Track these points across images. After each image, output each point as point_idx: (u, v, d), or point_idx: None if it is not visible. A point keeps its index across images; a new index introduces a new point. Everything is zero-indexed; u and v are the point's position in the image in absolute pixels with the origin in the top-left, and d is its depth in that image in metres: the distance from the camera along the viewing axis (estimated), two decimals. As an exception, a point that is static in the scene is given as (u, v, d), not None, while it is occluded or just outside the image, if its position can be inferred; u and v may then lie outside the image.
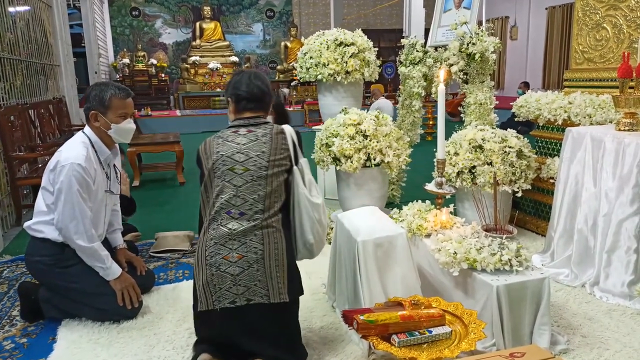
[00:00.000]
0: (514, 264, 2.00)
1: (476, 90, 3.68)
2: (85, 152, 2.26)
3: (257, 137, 1.91)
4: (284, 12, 14.78)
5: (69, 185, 2.19)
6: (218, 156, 1.87)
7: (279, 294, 1.80)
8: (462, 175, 3.19)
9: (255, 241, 1.80)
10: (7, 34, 4.51)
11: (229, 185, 1.84)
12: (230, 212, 1.82)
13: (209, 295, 1.77)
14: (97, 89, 2.33)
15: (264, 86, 1.99)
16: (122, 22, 13.62)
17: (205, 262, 1.79)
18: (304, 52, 3.85)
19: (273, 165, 1.88)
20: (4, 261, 3.19)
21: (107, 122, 2.31)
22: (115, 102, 2.31)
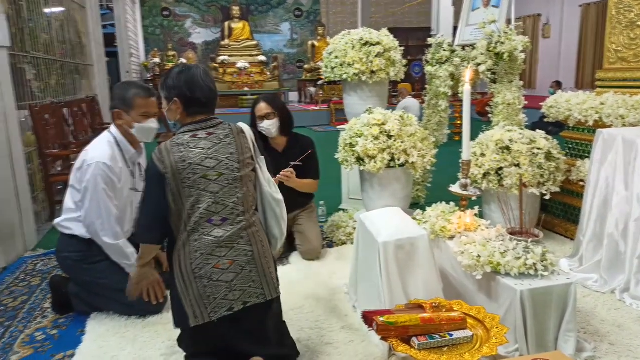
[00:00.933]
0: (539, 268, 1.96)
1: (504, 90, 3.62)
2: (111, 151, 2.33)
3: (220, 140, 1.80)
4: (311, 11, 14.82)
5: (94, 183, 2.25)
6: (185, 165, 1.72)
7: (275, 290, 1.82)
8: (489, 177, 3.14)
9: (243, 244, 1.77)
10: (42, 35, 4.66)
11: (204, 193, 1.73)
12: (212, 220, 1.74)
13: (203, 308, 1.71)
14: (120, 88, 2.38)
15: (213, 85, 1.86)
16: (154, 22, 13.89)
17: (193, 275, 1.71)
18: (329, 51, 3.85)
19: (243, 166, 1.82)
20: (37, 255, 3.30)
21: (130, 121, 2.35)
22: (137, 101, 2.34)
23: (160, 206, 1.75)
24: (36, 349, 2.13)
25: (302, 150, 3.23)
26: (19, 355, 2.09)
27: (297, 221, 3.29)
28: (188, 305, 1.72)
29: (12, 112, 3.37)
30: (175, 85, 1.81)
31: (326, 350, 2.06)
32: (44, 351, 2.12)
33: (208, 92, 1.81)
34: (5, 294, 2.70)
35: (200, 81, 1.80)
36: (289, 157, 3.17)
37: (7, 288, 2.77)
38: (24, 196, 3.38)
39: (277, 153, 3.18)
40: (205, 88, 1.80)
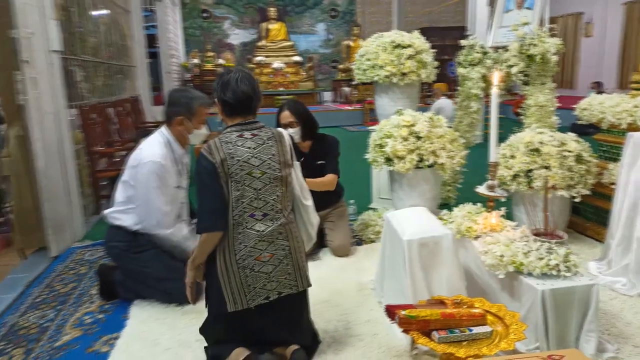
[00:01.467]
0: (561, 269, 2.00)
1: (537, 92, 3.63)
2: (163, 151, 2.52)
3: (264, 141, 1.93)
4: (347, 11, 14.88)
5: (148, 181, 2.46)
6: (234, 161, 1.85)
7: (307, 282, 1.99)
8: (518, 179, 3.16)
9: (282, 239, 1.91)
10: (90, 39, 4.93)
11: (248, 189, 1.87)
12: (254, 215, 1.88)
13: (242, 296, 1.85)
14: (186, 97, 2.57)
15: (249, 90, 1.93)
16: (193, 23, 14.26)
17: (237, 265, 1.85)
18: (361, 54, 3.93)
19: (284, 167, 1.95)
20: (85, 245, 3.53)
21: (190, 127, 2.58)
22: (200, 110, 2.58)
23: (220, 196, 1.86)
24: (85, 331, 2.32)
25: (327, 149, 3.33)
26: (70, 336, 2.28)
27: (328, 219, 3.40)
28: (228, 293, 1.86)
29: (63, 112, 3.61)
30: (215, 88, 1.96)
31: (351, 341, 2.16)
32: (92, 333, 2.30)
33: (240, 95, 1.90)
34: (57, 281, 2.91)
35: (233, 84, 1.90)
36: (314, 157, 3.28)
37: (58, 275, 2.99)
38: (73, 191, 3.61)
39: (303, 154, 3.27)
40: (237, 91, 1.89)
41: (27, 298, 2.69)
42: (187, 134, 2.60)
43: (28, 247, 3.44)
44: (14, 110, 3.23)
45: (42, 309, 2.56)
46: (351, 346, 2.12)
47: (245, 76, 1.95)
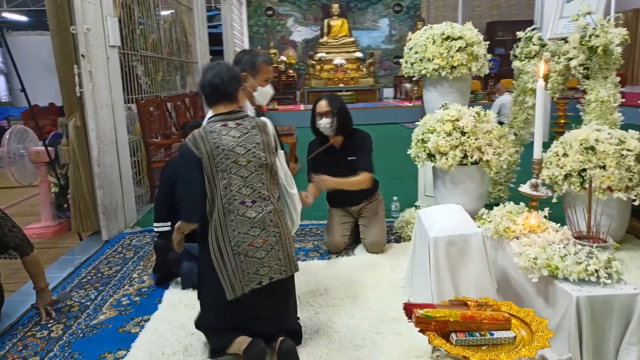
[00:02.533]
0: (601, 275, 1.85)
1: (598, 87, 3.37)
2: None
3: (248, 130, 1.98)
4: (411, 6, 14.59)
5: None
6: (219, 150, 1.90)
7: (295, 266, 2.01)
8: (570, 179, 2.96)
9: (272, 226, 1.95)
10: (151, 35, 5.16)
11: (235, 177, 1.91)
12: (245, 202, 1.92)
13: (237, 282, 1.88)
14: (249, 55, 2.57)
15: (217, 79, 1.96)
16: (258, 21, 14.57)
17: (232, 251, 1.88)
18: (409, 47, 3.83)
19: (269, 155, 1.99)
20: (134, 232, 3.71)
21: (254, 84, 2.52)
22: (264, 67, 2.53)
23: (201, 187, 1.90)
24: (120, 312, 2.44)
25: (359, 144, 3.24)
26: (105, 315, 2.40)
27: (362, 214, 3.33)
28: (225, 280, 1.89)
29: (120, 104, 3.81)
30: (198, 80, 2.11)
31: (374, 338, 2.11)
32: (126, 314, 2.41)
33: (208, 85, 1.97)
34: (104, 263, 3.08)
35: (203, 76, 2.01)
36: (346, 153, 3.20)
37: (106, 258, 3.17)
38: (126, 179, 3.80)
39: (335, 149, 3.20)
40: (206, 81, 1.98)
41: (75, 278, 2.87)
42: (252, 91, 2.53)
43: (84, 231, 3.67)
44: (73, 102, 3.45)
45: (86, 289, 2.72)
46: (372, 343, 2.08)
47: (217, 67, 2.02)
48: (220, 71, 1.99)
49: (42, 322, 2.34)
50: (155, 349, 2.07)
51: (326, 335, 2.16)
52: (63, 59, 3.36)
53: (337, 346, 2.08)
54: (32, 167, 4.09)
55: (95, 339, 2.19)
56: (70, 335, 2.23)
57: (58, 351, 2.10)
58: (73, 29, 3.25)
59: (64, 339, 2.20)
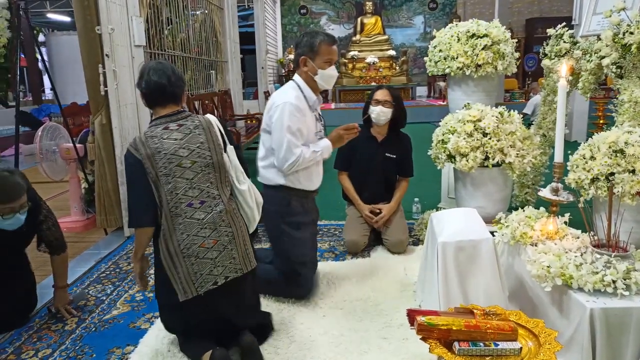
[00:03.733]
0: (619, 286, 1.75)
1: (632, 86, 3.19)
2: (296, 94, 2.37)
3: (191, 130, 1.94)
4: (447, 3, 14.34)
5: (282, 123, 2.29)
6: (161, 155, 1.86)
7: (250, 263, 2.01)
8: (597, 183, 2.81)
9: (224, 226, 1.93)
10: (179, 35, 5.24)
11: (180, 180, 1.88)
12: (192, 204, 1.89)
13: (191, 284, 1.86)
14: (307, 36, 2.40)
15: (161, 79, 1.91)
16: (291, 20, 14.64)
17: (182, 255, 1.86)
18: (434, 44, 3.75)
19: (214, 153, 1.96)
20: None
21: (314, 67, 2.37)
22: (323, 47, 2.35)
23: (147, 189, 1.87)
24: (133, 307, 2.48)
25: (399, 144, 3.29)
26: (119, 311, 2.45)
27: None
28: (177, 283, 1.87)
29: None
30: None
31: (380, 343, 2.07)
32: (138, 310, 2.46)
33: (152, 85, 1.91)
34: (124, 259, 3.15)
35: (145, 76, 1.93)
36: (385, 149, 3.26)
37: (126, 254, 3.24)
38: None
39: (375, 142, 3.27)
40: (149, 82, 1.92)
41: (95, 273, 2.94)
42: (312, 75, 2.38)
43: (109, 227, 3.76)
44: (99, 100, 3.54)
45: (103, 283, 2.78)
46: (378, 348, 2.04)
47: (160, 66, 1.95)
48: (166, 71, 1.93)
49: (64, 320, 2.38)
50: (161, 345, 2.10)
51: (333, 338, 2.13)
52: (89, 59, 3.45)
53: (343, 350, 2.05)
54: (63, 164, 4.23)
55: (106, 334, 2.23)
56: (83, 329, 2.28)
57: (70, 344, 2.15)
58: (98, 29, 3.33)
59: (76, 332, 2.25)
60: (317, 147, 2.43)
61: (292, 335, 2.16)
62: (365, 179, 3.27)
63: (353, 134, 2.50)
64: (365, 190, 3.27)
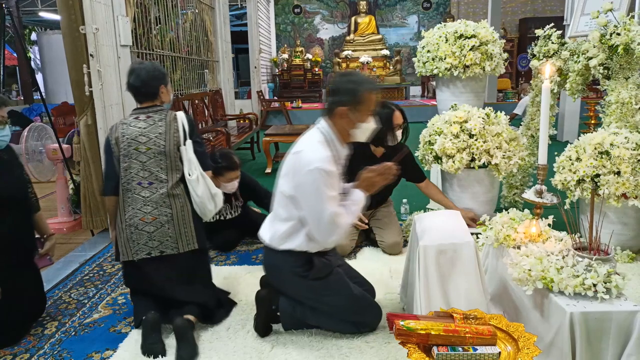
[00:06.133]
0: (599, 289, 1.74)
1: (619, 87, 3.19)
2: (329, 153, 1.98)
3: (155, 122, 2.28)
4: (441, 2, 14.33)
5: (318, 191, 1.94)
6: (124, 139, 2.24)
7: (187, 245, 2.25)
8: (583, 185, 2.81)
9: (165, 207, 2.23)
10: (168, 34, 5.21)
11: (135, 161, 2.23)
12: (141, 183, 2.24)
13: (128, 249, 2.22)
14: (350, 83, 1.98)
15: (136, 82, 2.27)
16: (285, 19, 14.60)
17: (125, 223, 2.22)
18: (422, 45, 3.74)
19: (169, 144, 2.25)
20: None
21: (354, 121, 2.00)
22: (369, 97, 1.98)
23: (112, 166, 2.28)
24: (114, 311, 2.46)
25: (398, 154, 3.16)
26: (100, 314, 2.42)
27: (375, 216, 3.28)
28: (120, 245, 2.25)
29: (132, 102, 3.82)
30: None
31: (361, 346, 2.05)
32: (120, 313, 2.43)
33: (130, 86, 2.30)
34: (108, 261, 3.12)
35: (129, 79, 2.30)
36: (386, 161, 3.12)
37: (111, 255, 3.20)
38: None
39: (375, 158, 3.07)
40: (129, 83, 2.30)
41: (78, 275, 2.91)
42: (349, 129, 2.02)
43: (95, 228, 3.72)
44: (84, 100, 3.50)
45: (86, 286, 2.75)
46: (359, 352, 2.02)
47: (137, 69, 2.29)
48: (140, 74, 2.27)
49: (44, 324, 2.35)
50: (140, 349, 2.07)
51: (316, 341, 2.12)
52: (74, 59, 3.41)
53: (324, 353, 2.03)
54: (49, 164, 4.19)
55: (85, 338, 2.21)
56: (62, 333, 2.25)
57: (48, 349, 2.12)
58: (82, 28, 3.30)
59: (56, 336, 2.22)
60: (353, 204, 2.06)
61: (274, 338, 2.14)
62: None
63: (390, 177, 2.13)
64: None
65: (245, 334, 2.19)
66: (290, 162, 2.03)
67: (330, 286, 2.11)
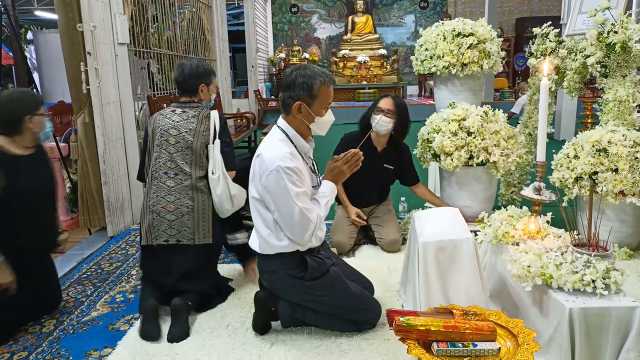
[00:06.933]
0: (598, 285, 1.74)
1: (616, 85, 3.20)
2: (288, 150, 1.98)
3: (188, 117, 2.40)
4: (438, 2, 14.34)
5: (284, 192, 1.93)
6: (158, 130, 2.38)
7: (203, 238, 2.33)
8: (581, 182, 2.82)
9: (187, 199, 2.33)
10: (165, 33, 5.19)
11: (164, 152, 2.36)
12: (168, 173, 2.35)
13: (149, 233, 2.32)
14: (302, 77, 1.97)
15: (178, 77, 2.45)
16: (282, 18, 14.58)
17: (149, 209, 2.33)
18: (420, 43, 3.74)
19: (197, 141, 2.36)
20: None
21: (311, 114, 2.00)
22: (323, 91, 1.98)
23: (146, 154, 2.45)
24: (113, 309, 2.45)
25: (398, 156, 3.20)
26: (98, 312, 2.41)
27: (374, 214, 3.28)
28: (143, 229, 2.36)
29: (129, 101, 3.84)
30: None
31: (360, 344, 2.05)
32: (118, 311, 2.42)
33: (177, 79, 2.47)
34: (106, 259, 3.11)
35: (176, 70, 2.48)
36: (384, 160, 3.16)
37: (109, 254, 3.19)
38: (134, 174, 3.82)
39: (375, 152, 3.12)
40: (175, 77, 2.49)
41: (76, 273, 2.90)
42: (308, 123, 2.02)
43: (92, 227, 3.71)
44: (82, 99, 3.49)
45: (84, 284, 2.74)
46: (359, 349, 2.02)
47: (183, 66, 2.46)
48: (184, 70, 2.44)
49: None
50: (139, 347, 2.07)
51: (315, 339, 2.11)
52: (71, 57, 3.40)
53: (324, 350, 2.03)
54: (46, 163, 4.17)
55: (83, 336, 2.20)
56: (60, 331, 2.24)
57: (46, 347, 2.11)
58: (79, 26, 3.29)
59: (54, 334, 2.21)
60: (324, 196, 2.07)
61: (273, 336, 2.14)
62: (362, 187, 3.13)
63: (356, 165, 2.08)
64: (361, 196, 3.18)
65: (244, 331, 2.19)
66: (255, 166, 2.02)
67: (327, 286, 2.09)
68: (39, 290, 2.31)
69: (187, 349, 2.06)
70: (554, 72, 3.61)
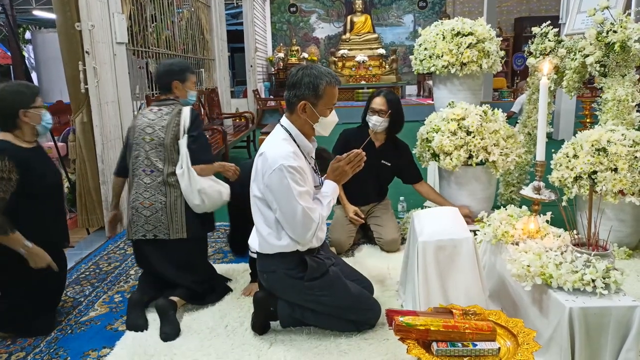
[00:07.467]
0: (598, 285, 1.74)
1: (616, 85, 3.20)
2: (291, 149, 1.98)
3: (162, 114, 2.44)
4: (437, 1, 14.33)
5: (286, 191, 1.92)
6: (136, 129, 2.44)
7: (176, 233, 2.38)
8: (580, 181, 2.82)
9: (160, 194, 2.39)
10: (164, 32, 5.18)
11: (142, 150, 2.41)
12: (145, 170, 2.41)
13: (130, 228, 2.41)
14: (308, 76, 1.96)
15: (156, 74, 2.57)
16: (281, 18, 14.56)
17: (130, 205, 2.42)
18: (419, 43, 3.73)
19: (168, 137, 2.39)
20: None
21: (316, 115, 1.99)
22: (329, 91, 1.98)
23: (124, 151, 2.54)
24: (111, 309, 2.44)
25: (397, 152, 3.20)
26: (96, 312, 2.41)
27: (373, 213, 3.27)
28: (127, 225, 2.44)
29: (127, 100, 3.83)
30: None
31: (360, 343, 2.05)
32: (116, 311, 2.41)
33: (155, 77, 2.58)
34: (104, 259, 3.10)
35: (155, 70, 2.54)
36: (382, 156, 3.16)
37: (107, 254, 3.18)
38: (133, 175, 3.81)
39: (373, 148, 3.12)
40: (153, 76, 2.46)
41: (74, 273, 2.89)
42: (312, 123, 2.01)
43: (90, 226, 3.70)
44: (80, 98, 3.48)
45: (82, 284, 2.73)
46: (358, 349, 2.01)
47: (162, 64, 2.57)
48: (158, 68, 2.57)
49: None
50: (138, 347, 2.06)
51: (314, 339, 2.11)
52: (69, 56, 3.38)
53: (323, 350, 2.02)
54: (44, 162, 4.16)
55: (81, 336, 2.19)
56: (58, 331, 2.23)
57: (44, 347, 2.10)
58: (78, 25, 3.27)
59: (52, 335, 2.20)
60: (326, 196, 2.06)
61: (272, 336, 2.13)
62: (360, 183, 3.07)
63: (358, 165, 2.06)
64: (359, 192, 3.17)
65: (243, 331, 2.18)
66: (258, 165, 2.01)
67: (327, 286, 2.08)
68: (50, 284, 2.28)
69: (186, 349, 2.05)
70: (554, 71, 3.61)
